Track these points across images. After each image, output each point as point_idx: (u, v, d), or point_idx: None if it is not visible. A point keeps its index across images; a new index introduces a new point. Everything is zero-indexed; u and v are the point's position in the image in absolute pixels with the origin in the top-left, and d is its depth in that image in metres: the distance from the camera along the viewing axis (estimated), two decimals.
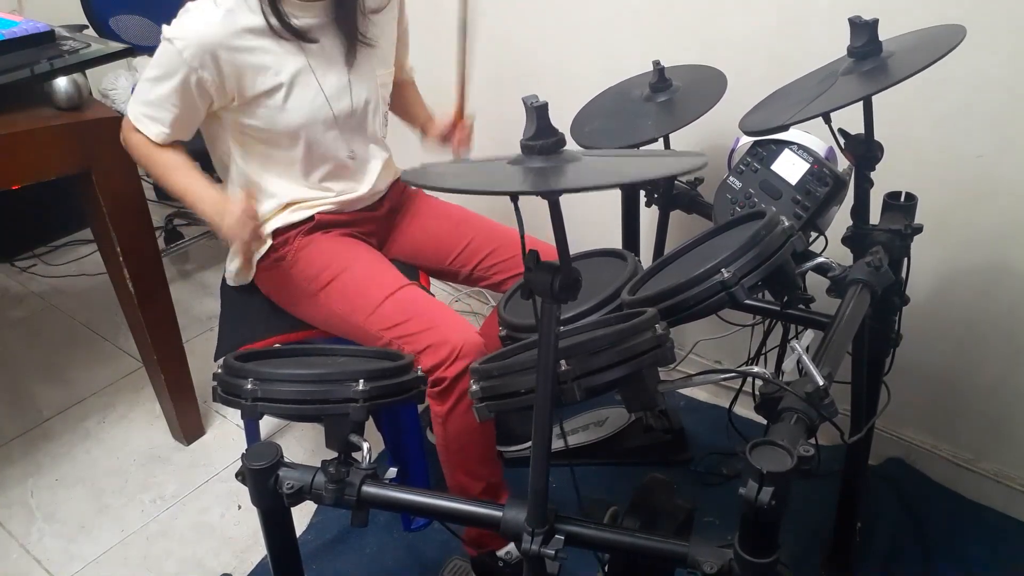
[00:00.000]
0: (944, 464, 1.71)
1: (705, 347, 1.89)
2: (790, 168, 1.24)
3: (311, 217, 1.48)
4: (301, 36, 1.35)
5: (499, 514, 0.92)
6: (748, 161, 1.29)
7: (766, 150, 1.28)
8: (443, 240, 1.61)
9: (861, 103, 1.14)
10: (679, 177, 1.50)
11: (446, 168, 0.87)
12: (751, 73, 1.49)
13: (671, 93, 1.47)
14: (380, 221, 1.60)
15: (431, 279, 1.68)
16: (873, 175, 1.23)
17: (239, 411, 1.03)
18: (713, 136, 1.57)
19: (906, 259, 1.24)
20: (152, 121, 1.36)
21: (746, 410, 1.35)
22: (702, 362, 1.97)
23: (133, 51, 1.66)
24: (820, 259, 1.14)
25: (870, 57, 1.14)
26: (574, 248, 0.83)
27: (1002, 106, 1.37)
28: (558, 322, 0.80)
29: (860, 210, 1.24)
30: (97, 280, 2.48)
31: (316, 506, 1.71)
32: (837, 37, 1.18)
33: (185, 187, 1.36)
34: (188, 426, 1.90)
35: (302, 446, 1.91)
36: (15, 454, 1.88)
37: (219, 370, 1.07)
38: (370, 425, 1.15)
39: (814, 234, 1.25)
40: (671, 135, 1.41)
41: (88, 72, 1.52)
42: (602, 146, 1.45)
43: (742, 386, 1.53)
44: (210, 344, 1.60)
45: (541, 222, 0.81)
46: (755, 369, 0.94)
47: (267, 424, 1.94)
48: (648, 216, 1.64)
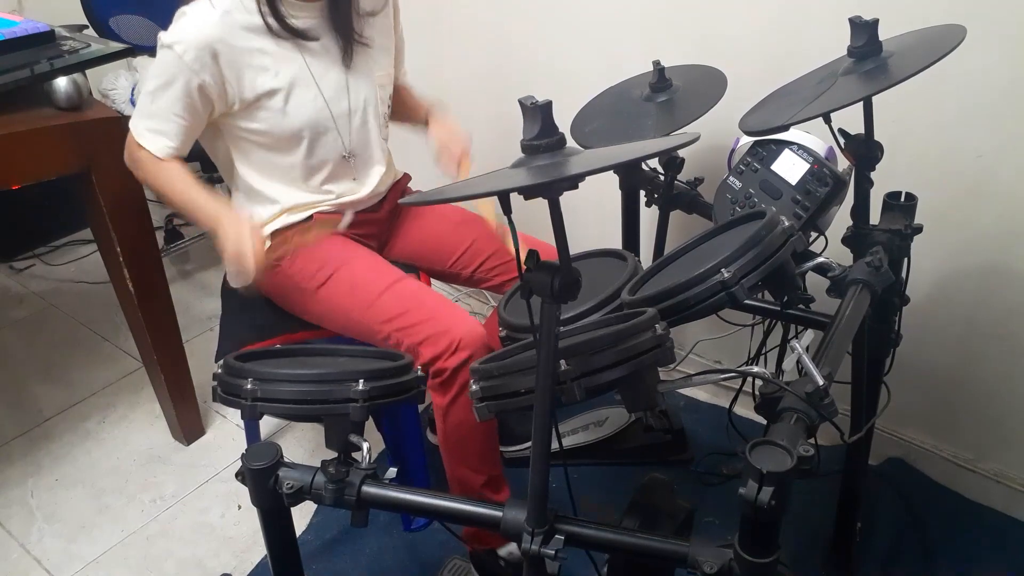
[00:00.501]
0: (944, 464, 1.71)
1: (705, 347, 1.89)
2: (790, 168, 1.24)
3: (309, 217, 1.48)
4: (299, 35, 1.35)
5: (499, 514, 0.92)
6: (748, 161, 1.29)
7: (766, 150, 1.28)
8: (444, 242, 1.61)
9: (861, 103, 1.14)
10: (679, 177, 1.50)
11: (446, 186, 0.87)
12: (751, 73, 1.49)
13: (671, 93, 1.47)
14: (380, 223, 1.60)
15: (432, 280, 1.68)
16: (873, 175, 1.23)
17: (239, 411, 1.03)
18: (713, 136, 1.56)
19: (906, 259, 1.24)
20: (156, 135, 1.34)
21: (746, 410, 1.34)
22: (702, 362, 1.97)
23: (133, 51, 1.67)
24: (820, 259, 1.14)
25: (870, 57, 1.14)
26: (574, 248, 0.83)
27: (1002, 106, 1.37)
28: (558, 322, 0.80)
29: (860, 210, 1.24)
30: (97, 280, 2.48)
31: (316, 506, 1.71)
32: (837, 37, 1.18)
33: (186, 201, 1.35)
34: (188, 426, 1.90)
35: (302, 446, 1.91)
36: (15, 454, 1.88)
37: (219, 370, 1.07)
38: (370, 425, 1.15)
39: (814, 234, 1.25)
40: (671, 135, 1.41)
41: (88, 72, 1.52)
42: (602, 146, 1.44)
43: (742, 386, 1.53)
44: (210, 344, 1.60)
45: (541, 222, 0.81)
46: (755, 369, 0.94)
47: (267, 424, 1.94)
48: (648, 216, 1.64)
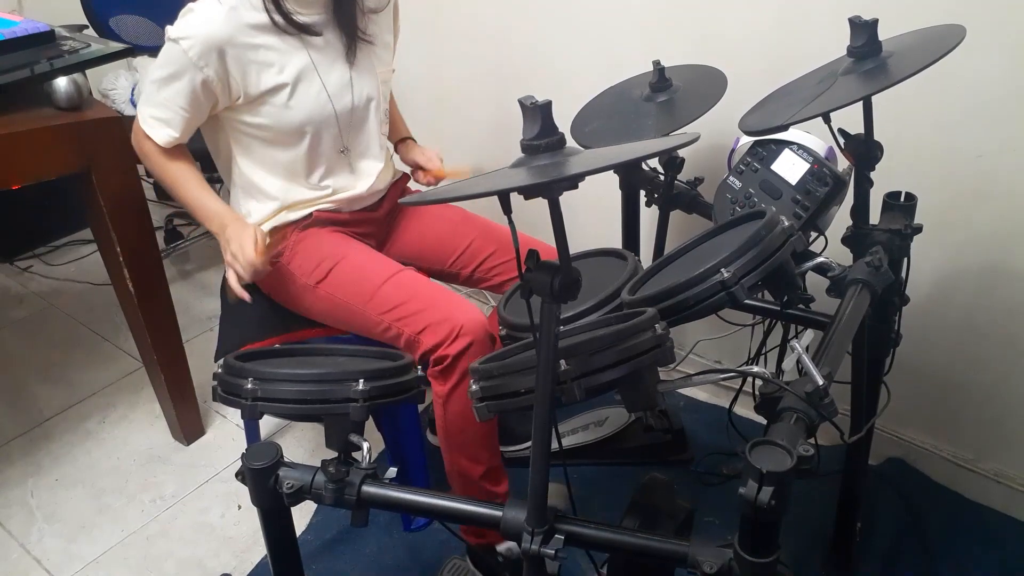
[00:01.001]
0: (944, 464, 1.71)
1: (705, 347, 1.89)
2: (790, 168, 1.24)
3: (309, 215, 1.48)
4: (304, 31, 1.36)
5: (499, 514, 0.92)
6: (748, 161, 1.29)
7: (766, 150, 1.28)
8: (443, 242, 1.61)
9: (861, 103, 1.14)
10: (679, 177, 1.50)
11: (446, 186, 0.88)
12: (751, 73, 1.49)
13: (671, 93, 1.47)
14: (379, 222, 1.60)
15: (431, 280, 1.67)
16: (873, 175, 1.23)
17: (239, 411, 1.03)
18: (713, 136, 1.56)
19: (906, 259, 1.24)
20: (161, 124, 1.37)
21: (746, 410, 1.34)
22: (702, 362, 1.97)
23: (133, 51, 1.67)
24: (820, 259, 1.14)
25: (870, 57, 1.14)
26: (574, 248, 0.83)
27: (1002, 106, 1.37)
28: (558, 322, 0.80)
29: (860, 210, 1.24)
30: (97, 280, 2.49)
31: (316, 506, 1.71)
32: (837, 37, 1.18)
33: (193, 201, 1.42)
34: (188, 426, 1.90)
35: (302, 446, 1.91)
36: (15, 454, 1.88)
37: (219, 370, 1.07)
38: (370, 425, 1.15)
39: (814, 234, 1.25)
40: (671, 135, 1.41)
41: (88, 72, 1.52)
42: (602, 146, 1.44)
43: (742, 386, 1.53)
44: (210, 344, 1.60)
45: (541, 222, 0.81)
46: (755, 369, 0.94)
47: (267, 424, 1.94)
48: (648, 216, 1.64)
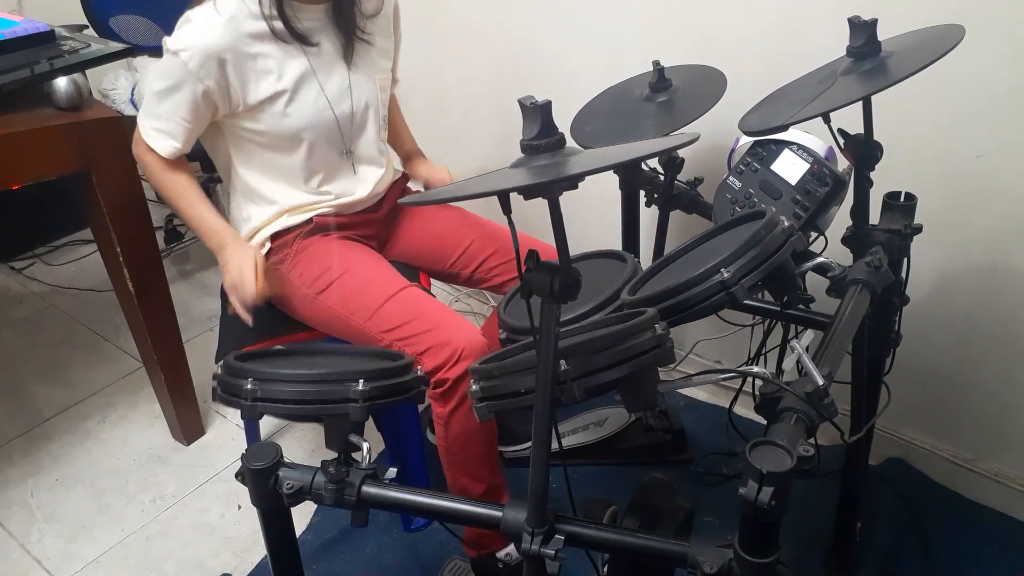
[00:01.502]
0: (944, 464, 1.71)
1: (705, 347, 1.89)
2: (790, 168, 1.24)
3: (309, 220, 1.48)
4: (303, 39, 1.36)
5: (499, 514, 0.92)
6: (748, 161, 1.29)
7: (766, 150, 1.28)
8: (443, 242, 1.61)
9: (861, 103, 1.14)
10: (679, 177, 1.50)
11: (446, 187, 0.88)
12: (751, 73, 1.49)
13: (671, 93, 1.47)
14: (379, 223, 1.60)
15: (432, 280, 1.68)
16: (873, 175, 1.23)
17: (239, 411, 1.03)
18: (713, 136, 1.56)
19: (906, 259, 1.24)
20: (163, 135, 1.37)
21: (746, 410, 1.34)
22: (702, 362, 1.97)
23: (133, 51, 1.67)
24: (820, 259, 1.14)
25: (869, 57, 1.14)
26: (574, 249, 0.83)
27: (1002, 106, 1.37)
28: (558, 322, 0.80)
29: (860, 210, 1.24)
30: (97, 280, 2.48)
31: (316, 506, 1.71)
32: (837, 37, 1.18)
33: (193, 216, 1.44)
34: (188, 426, 1.90)
35: (302, 446, 1.91)
36: (15, 454, 1.88)
37: (219, 370, 1.07)
38: (370, 425, 1.15)
39: (814, 234, 1.25)
40: (671, 135, 1.41)
41: (88, 72, 1.52)
42: (602, 146, 1.44)
43: (742, 386, 1.53)
44: (210, 344, 1.60)
45: (541, 223, 0.81)
46: (755, 369, 0.94)
47: (267, 424, 1.94)
48: (648, 216, 1.64)
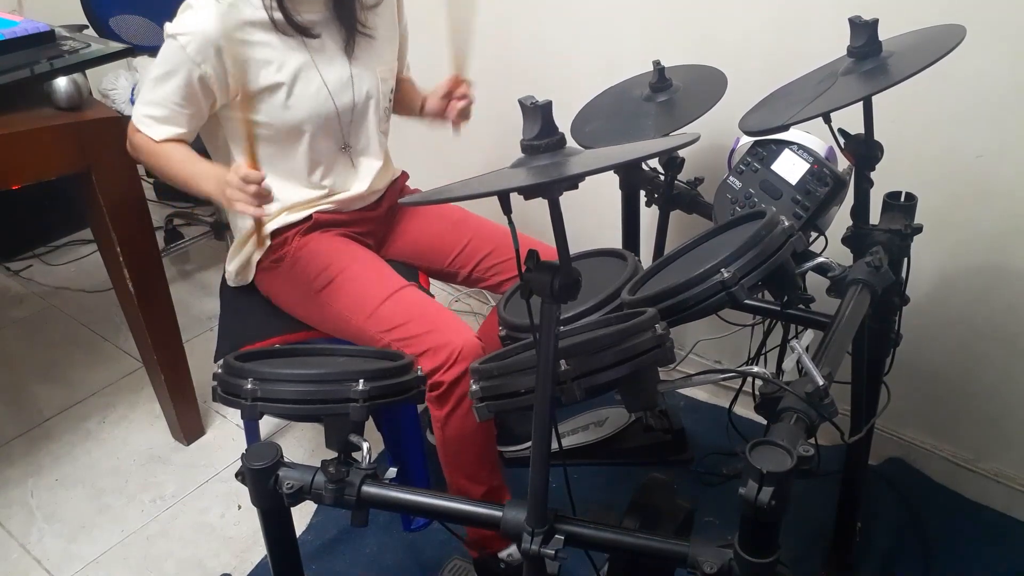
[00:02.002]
0: (944, 464, 1.71)
1: (705, 347, 1.89)
2: (790, 168, 1.24)
3: (309, 217, 1.48)
4: (304, 32, 1.36)
5: (499, 514, 0.92)
6: (748, 161, 1.29)
7: (766, 150, 1.28)
8: (442, 241, 1.61)
9: (861, 103, 1.14)
10: (679, 177, 1.50)
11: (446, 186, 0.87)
12: (751, 73, 1.49)
13: (671, 93, 1.47)
14: (378, 221, 1.60)
15: (431, 279, 1.68)
16: (873, 175, 1.23)
17: (239, 411, 1.03)
18: (713, 136, 1.57)
19: (906, 259, 1.24)
20: (155, 122, 1.35)
21: (746, 410, 1.34)
22: (702, 362, 1.97)
23: (133, 51, 1.67)
24: (820, 259, 1.14)
25: (870, 57, 1.14)
26: (574, 248, 0.83)
27: (1002, 106, 1.37)
28: (558, 322, 0.80)
29: (860, 210, 1.24)
30: (97, 280, 2.48)
31: (316, 506, 1.71)
32: (837, 37, 1.18)
33: (187, 174, 1.33)
34: (188, 426, 1.90)
35: (302, 446, 1.91)
36: (15, 454, 1.88)
37: (219, 370, 1.07)
38: (370, 425, 1.15)
39: (814, 234, 1.25)
40: (671, 135, 1.41)
41: (88, 72, 1.52)
42: (602, 146, 1.45)
43: (742, 386, 1.53)
44: (210, 344, 1.60)
45: (541, 222, 0.81)
46: (755, 369, 0.94)
47: (267, 424, 1.94)
48: (648, 216, 1.64)
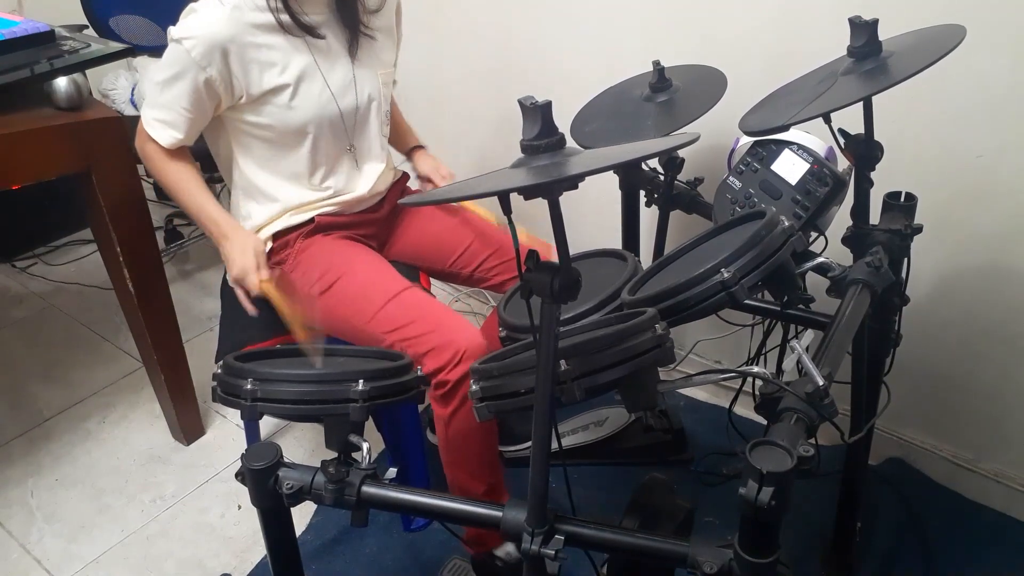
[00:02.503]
0: (944, 464, 1.71)
1: (705, 347, 1.89)
2: (790, 168, 1.24)
3: (311, 219, 1.48)
4: (311, 31, 1.36)
5: (499, 514, 0.92)
6: (748, 161, 1.29)
7: (766, 150, 1.28)
8: (443, 242, 1.61)
9: (861, 103, 1.14)
10: (679, 177, 1.50)
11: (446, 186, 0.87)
12: (751, 73, 1.49)
13: (671, 93, 1.47)
14: (380, 223, 1.60)
15: (432, 280, 1.68)
16: (873, 175, 1.23)
17: (239, 411, 1.03)
18: (713, 136, 1.57)
19: (906, 259, 1.24)
20: (164, 126, 1.37)
21: (746, 410, 1.35)
22: (702, 362, 1.97)
23: (133, 51, 1.67)
24: (820, 259, 1.14)
25: (870, 57, 1.14)
26: (574, 248, 0.83)
27: (1002, 106, 1.37)
28: (558, 322, 0.80)
29: (860, 210, 1.24)
30: (97, 280, 2.48)
31: (316, 506, 1.71)
32: (837, 37, 1.18)
33: (197, 207, 1.43)
34: (188, 426, 1.90)
35: (302, 446, 1.91)
36: (15, 454, 1.88)
37: (219, 370, 1.07)
38: (370, 425, 1.15)
39: (814, 234, 1.25)
40: (671, 135, 1.41)
41: (88, 72, 1.52)
42: (602, 146, 1.45)
43: (742, 386, 1.53)
44: (210, 344, 1.60)
45: (541, 222, 0.81)
46: (755, 369, 0.94)
47: (267, 424, 1.94)
48: (648, 216, 1.64)
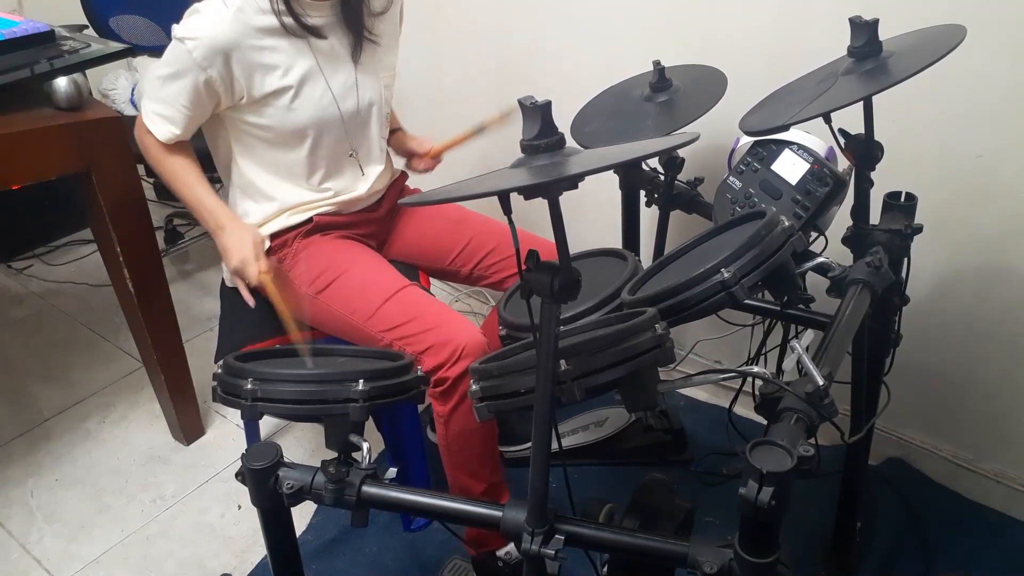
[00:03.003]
0: (944, 464, 1.71)
1: (705, 347, 1.89)
2: (790, 168, 1.24)
3: (310, 219, 1.48)
4: (315, 32, 1.36)
5: (499, 514, 0.92)
6: (748, 161, 1.29)
7: (766, 150, 1.28)
8: (442, 240, 1.61)
9: (861, 103, 1.14)
10: (679, 177, 1.50)
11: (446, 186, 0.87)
12: (751, 73, 1.49)
13: (671, 93, 1.47)
14: (379, 222, 1.60)
15: (431, 279, 1.68)
16: (873, 175, 1.23)
17: (239, 411, 1.03)
18: (713, 136, 1.57)
19: (906, 259, 1.24)
20: (163, 120, 1.38)
21: (746, 410, 1.34)
22: (702, 362, 1.97)
23: (133, 51, 1.67)
24: (820, 259, 1.14)
25: (870, 57, 1.14)
26: (574, 248, 0.83)
27: (1002, 106, 1.37)
28: (558, 322, 0.80)
29: (860, 210, 1.24)
30: (97, 280, 2.48)
31: (316, 506, 1.71)
32: (837, 37, 1.18)
33: (195, 199, 1.43)
34: (188, 426, 1.90)
35: (302, 446, 1.91)
36: (15, 454, 1.88)
37: (219, 370, 1.07)
38: (370, 425, 1.15)
39: (814, 234, 1.25)
40: (671, 135, 1.41)
41: (88, 72, 1.52)
42: (602, 146, 1.45)
43: (742, 386, 1.53)
44: (210, 344, 1.60)
45: (541, 222, 0.81)
46: (755, 369, 0.94)
47: (267, 424, 1.94)
48: (648, 216, 1.64)
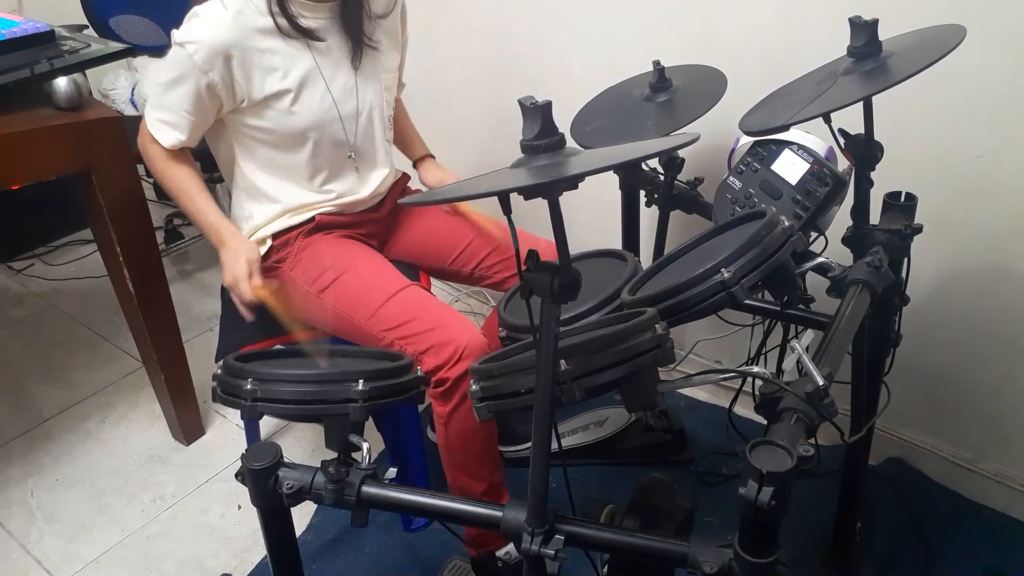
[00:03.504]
0: (944, 464, 1.71)
1: (705, 347, 1.89)
2: (790, 168, 1.24)
3: (311, 219, 1.48)
4: (308, 35, 1.36)
5: (499, 514, 0.92)
6: (748, 161, 1.29)
7: (766, 150, 1.28)
8: (444, 240, 1.61)
9: (861, 103, 1.14)
10: (679, 177, 1.50)
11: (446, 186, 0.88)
12: (751, 73, 1.49)
13: (671, 93, 1.47)
14: (381, 222, 1.60)
15: (432, 279, 1.68)
16: (873, 175, 1.23)
17: (239, 411, 1.03)
18: (713, 136, 1.57)
19: (906, 259, 1.24)
20: (167, 127, 1.37)
21: (746, 410, 1.34)
22: (702, 362, 1.97)
23: (133, 51, 1.67)
24: (820, 259, 1.14)
25: (870, 57, 1.14)
26: (574, 248, 0.82)
27: (1002, 106, 1.37)
28: (558, 322, 0.80)
29: (860, 210, 1.24)
30: (97, 280, 2.48)
31: (316, 506, 1.71)
32: (837, 37, 1.18)
33: (197, 211, 1.43)
34: (188, 426, 1.90)
35: (302, 446, 1.91)
36: (15, 454, 1.88)
37: (219, 370, 1.07)
38: (370, 425, 1.15)
39: (814, 234, 1.25)
40: (671, 135, 1.41)
41: (88, 72, 1.52)
42: (602, 146, 1.45)
43: (742, 386, 1.53)
44: (210, 344, 1.60)
45: (541, 222, 0.81)
46: (755, 369, 0.94)
47: (267, 424, 1.94)
48: (648, 216, 1.64)
